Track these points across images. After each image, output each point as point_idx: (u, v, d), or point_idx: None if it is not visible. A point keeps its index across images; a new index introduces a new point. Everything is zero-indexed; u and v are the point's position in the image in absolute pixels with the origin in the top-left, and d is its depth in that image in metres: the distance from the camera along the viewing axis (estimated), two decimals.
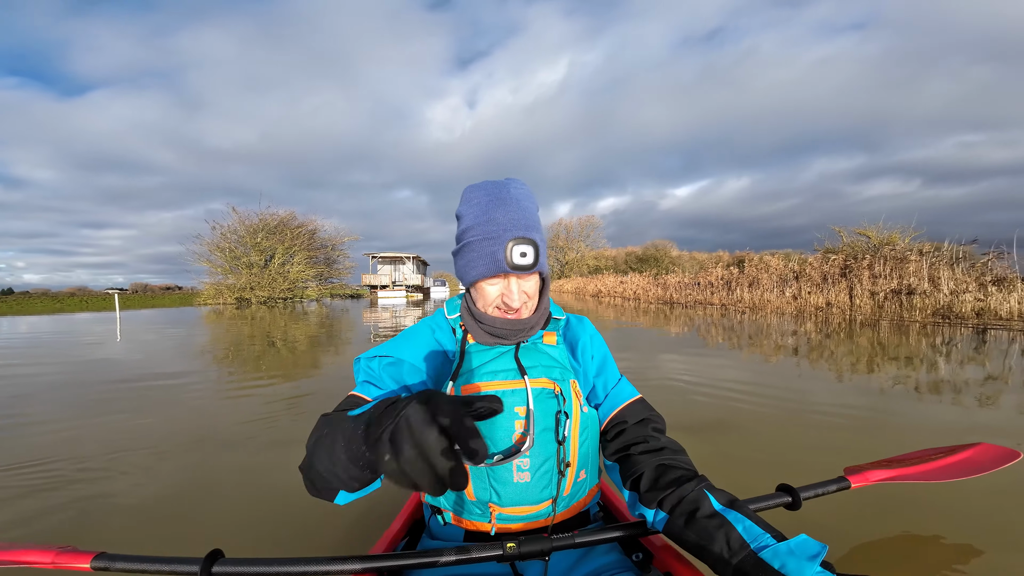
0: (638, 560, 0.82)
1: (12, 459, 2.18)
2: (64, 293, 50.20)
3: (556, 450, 0.73)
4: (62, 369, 4.76)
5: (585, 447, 0.78)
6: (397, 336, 0.84)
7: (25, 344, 7.25)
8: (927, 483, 1.14)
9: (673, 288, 17.42)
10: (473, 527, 0.76)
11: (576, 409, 0.77)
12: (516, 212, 0.74)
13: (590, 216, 52.29)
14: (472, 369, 0.77)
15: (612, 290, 23.43)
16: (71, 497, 1.78)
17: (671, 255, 47.68)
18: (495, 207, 0.74)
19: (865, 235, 12.73)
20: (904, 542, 1.38)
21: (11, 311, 18.47)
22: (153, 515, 1.64)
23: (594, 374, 0.86)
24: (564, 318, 0.90)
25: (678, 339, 6.34)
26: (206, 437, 2.47)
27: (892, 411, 2.75)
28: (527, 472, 0.73)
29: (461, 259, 0.78)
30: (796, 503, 0.83)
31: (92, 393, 3.59)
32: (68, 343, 7.22)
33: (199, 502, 1.72)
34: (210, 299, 23.70)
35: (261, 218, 25.87)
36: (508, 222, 0.73)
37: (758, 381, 3.57)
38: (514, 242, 0.72)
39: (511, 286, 0.76)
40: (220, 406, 3.21)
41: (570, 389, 0.78)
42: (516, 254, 0.72)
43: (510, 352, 0.79)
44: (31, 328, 10.40)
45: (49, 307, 21.02)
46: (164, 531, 1.53)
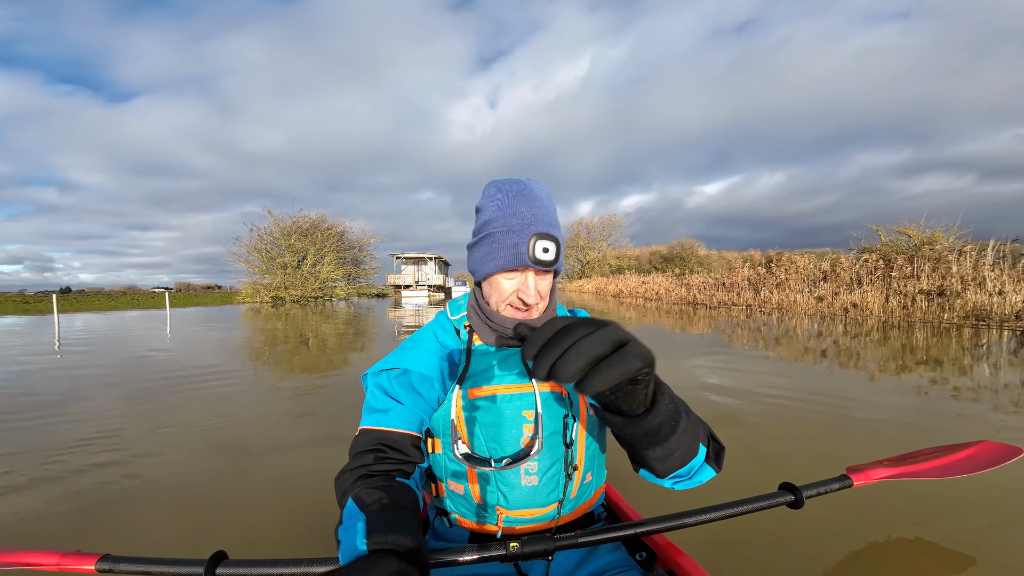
0: (641, 559, 0.83)
1: (57, 444, 2.41)
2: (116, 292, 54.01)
3: (564, 453, 0.74)
4: (116, 363, 5.31)
5: (592, 449, 0.79)
6: (402, 345, 0.83)
7: (87, 340, 8.00)
8: (930, 480, 1.14)
9: (697, 288, 17.12)
10: (480, 529, 0.76)
11: (583, 412, 0.77)
12: (539, 209, 0.74)
13: (612, 215, 51.51)
14: (479, 372, 0.77)
15: (634, 290, 23.15)
16: (101, 482, 1.94)
17: (698, 254, 46.36)
18: (519, 202, 0.74)
19: (905, 234, 12.14)
20: (906, 544, 1.37)
21: (72, 308, 20.14)
22: (176, 505, 1.73)
23: None
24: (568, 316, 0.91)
25: (700, 340, 6.34)
26: (238, 433, 2.66)
27: (931, 412, 2.68)
28: (535, 476, 0.73)
29: (479, 251, 0.77)
30: (799, 502, 0.82)
31: (140, 385, 4.03)
32: (126, 339, 7.94)
33: (211, 497, 1.77)
34: (248, 298, 25.08)
35: (294, 220, 27.15)
36: (532, 217, 0.73)
37: (789, 385, 3.52)
38: (537, 237, 0.71)
39: (528, 281, 0.75)
40: (255, 401, 3.56)
41: (576, 392, 0.82)
42: (539, 249, 0.71)
43: (516, 354, 0.79)
44: (89, 324, 11.41)
45: (106, 305, 22.81)
46: (182, 524, 1.57)
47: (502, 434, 0.72)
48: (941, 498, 1.59)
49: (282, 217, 27.01)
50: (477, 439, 0.73)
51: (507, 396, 0.74)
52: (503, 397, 0.74)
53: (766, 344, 5.69)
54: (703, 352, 5.14)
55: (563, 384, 0.42)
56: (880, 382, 3.58)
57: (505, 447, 0.72)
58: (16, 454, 2.29)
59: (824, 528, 1.43)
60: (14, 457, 2.25)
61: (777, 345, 5.56)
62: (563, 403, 0.75)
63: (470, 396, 0.74)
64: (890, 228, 12.45)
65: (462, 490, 0.75)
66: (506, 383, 0.75)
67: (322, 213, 28.72)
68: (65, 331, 9.32)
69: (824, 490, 0.90)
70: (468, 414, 0.73)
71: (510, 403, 0.73)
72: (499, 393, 0.74)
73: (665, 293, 19.18)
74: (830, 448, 2.21)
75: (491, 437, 0.73)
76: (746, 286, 14.16)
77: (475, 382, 0.75)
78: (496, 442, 0.72)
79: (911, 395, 3.16)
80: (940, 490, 1.61)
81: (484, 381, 0.75)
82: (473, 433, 0.73)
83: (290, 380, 4.08)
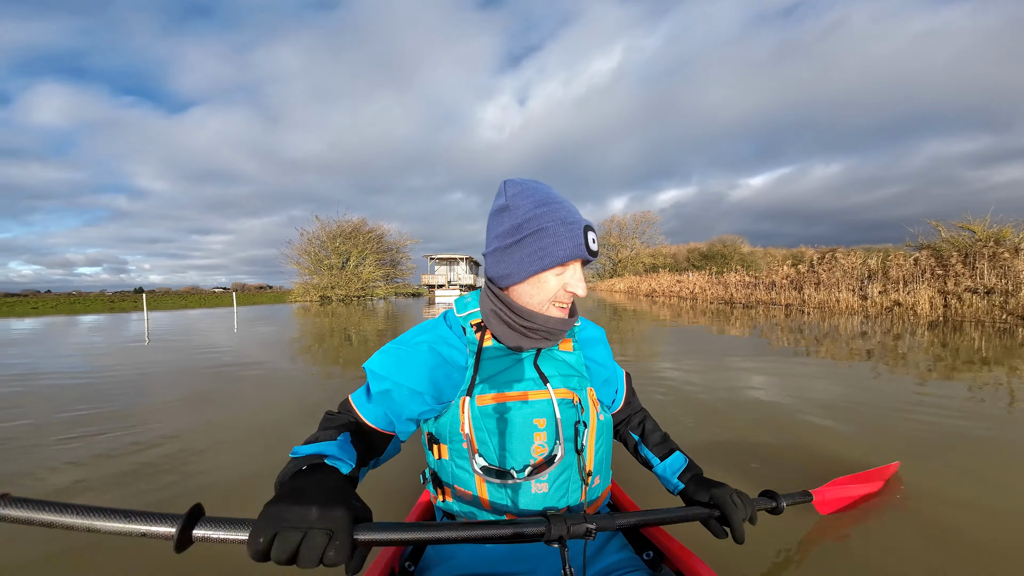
0: (649, 559, 0.82)
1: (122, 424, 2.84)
2: (182, 291, 59.14)
3: (575, 460, 0.73)
4: (191, 355, 6.09)
5: (600, 453, 0.79)
6: (398, 342, 0.78)
7: (170, 334, 9.08)
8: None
9: (734, 287, 16.61)
10: None
11: (593, 417, 0.77)
12: (571, 205, 0.73)
13: (646, 212, 50.17)
14: (489, 377, 0.74)
15: (668, 289, 22.69)
16: (160, 457, 2.23)
17: (741, 251, 44.22)
18: (557, 195, 0.73)
19: (969, 229, 11.24)
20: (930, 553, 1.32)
21: (153, 307, 22.49)
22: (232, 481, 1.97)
23: (608, 380, 0.89)
24: (579, 324, 0.87)
25: (737, 342, 6.32)
26: (287, 416, 3.14)
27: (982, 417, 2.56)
28: (545, 483, 0.71)
29: (524, 249, 0.71)
30: (779, 508, 0.88)
31: (208, 373, 4.67)
32: (208, 332, 8.96)
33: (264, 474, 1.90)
34: (299, 297, 26.96)
35: (339, 224, 28.81)
36: (574, 210, 0.72)
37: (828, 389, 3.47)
38: (587, 229, 0.71)
39: (578, 273, 0.74)
40: (304, 388, 4.06)
41: (587, 397, 0.77)
42: (590, 240, 0.71)
43: (528, 359, 0.76)
44: (177, 320, 12.83)
45: (178, 304, 25.33)
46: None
47: (513, 442, 0.71)
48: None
49: (328, 221, 28.80)
50: (486, 447, 0.71)
51: (518, 404, 0.72)
52: (515, 405, 0.72)
53: (806, 344, 5.54)
54: (742, 355, 5.14)
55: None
56: (927, 384, 3.55)
57: (516, 455, 0.71)
58: (127, 412, 2.88)
59: (835, 531, 1.43)
60: (134, 414, 2.84)
61: (818, 347, 5.36)
62: (574, 409, 0.74)
63: (479, 403, 0.71)
64: (951, 223, 11.56)
65: (470, 496, 0.73)
66: (518, 390, 0.72)
67: (363, 217, 30.40)
68: (155, 326, 10.58)
69: (792, 501, 0.96)
70: (477, 422, 0.71)
71: (520, 411, 0.72)
72: (510, 401, 0.72)
73: (700, 292, 18.72)
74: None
75: (501, 446, 0.71)
76: (786, 285, 13.62)
77: (484, 388, 0.72)
78: (507, 450, 0.71)
79: (959, 393, 3.08)
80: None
81: (494, 388, 0.73)
82: (482, 441, 0.71)
83: (336, 370, 4.60)
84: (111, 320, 13.90)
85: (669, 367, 4.26)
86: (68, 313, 19.48)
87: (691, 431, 2.46)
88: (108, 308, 23.17)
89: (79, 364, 5.21)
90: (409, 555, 0.82)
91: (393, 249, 32.14)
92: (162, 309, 20.93)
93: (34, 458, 2.22)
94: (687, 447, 1.00)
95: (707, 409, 2.84)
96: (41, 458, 2.22)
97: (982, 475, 1.83)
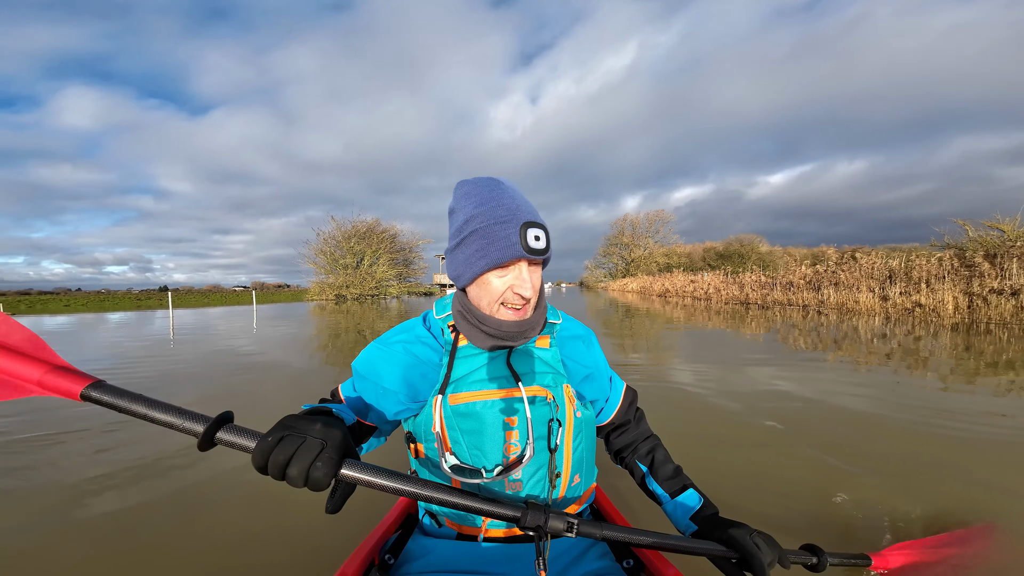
0: (629, 567, 0.81)
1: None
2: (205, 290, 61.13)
3: (549, 459, 0.72)
4: (212, 354, 6.33)
5: (579, 452, 0.78)
6: (377, 343, 0.82)
7: (193, 332, 9.42)
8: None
9: (750, 287, 16.32)
10: (465, 531, 0.76)
11: (570, 415, 0.75)
12: (520, 199, 0.72)
13: (660, 210, 49.25)
14: (462, 376, 0.74)
15: (681, 289, 22.42)
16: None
17: (759, 251, 43.11)
18: (498, 195, 0.71)
19: (998, 228, 10.82)
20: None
21: (177, 305, 23.29)
22: None
23: (590, 376, 0.85)
24: (560, 320, 0.86)
25: (752, 344, 6.26)
26: None
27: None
28: (519, 481, 0.71)
29: (464, 252, 0.73)
30: (821, 565, 0.80)
31: (227, 371, 4.86)
32: (229, 330, 9.27)
33: None
34: (316, 295, 27.57)
35: (354, 225, 29.36)
36: (516, 207, 0.70)
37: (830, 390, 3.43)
38: (527, 225, 0.69)
39: (523, 274, 0.72)
40: (320, 386, 4.20)
41: (563, 395, 0.76)
42: (531, 237, 0.68)
43: (501, 357, 0.75)
44: (199, 318, 13.30)
45: (201, 302, 26.16)
46: None
47: (484, 441, 0.71)
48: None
49: (343, 222, 29.41)
50: (459, 446, 0.72)
51: (490, 403, 0.72)
52: (485, 404, 0.72)
53: (824, 347, 5.42)
54: (755, 356, 5.09)
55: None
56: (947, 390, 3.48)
57: (488, 454, 0.71)
58: None
59: None
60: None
61: (837, 349, 5.27)
62: (548, 408, 0.73)
63: (451, 402, 0.72)
64: (979, 222, 11.14)
65: None
66: (490, 388, 0.73)
67: (376, 217, 30.96)
68: (179, 323, 11.00)
69: (846, 561, 0.86)
70: (450, 421, 0.72)
71: (492, 409, 0.72)
72: (481, 399, 0.72)
73: (715, 293, 18.44)
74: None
75: (473, 444, 0.71)
76: (803, 285, 13.33)
77: (456, 387, 0.73)
78: (479, 449, 0.71)
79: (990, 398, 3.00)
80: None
81: (466, 387, 0.73)
82: (456, 440, 0.72)
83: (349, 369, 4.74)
84: (138, 318, 14.47)
85: (683, 375, 4.16)
86: (98, 311, 20.33)
87: (700, 453, 2.11)
88: (135, 306, 24.06)
89: (108, 359, 5.50)
90: (389, 548, 0.83)
91: (406, 249, 32.60)
92: (186, 307, 21.64)
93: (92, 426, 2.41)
94: (699, 476, 0.91)
95: (717, 424, 2.58)
96: (98, 426, 2.41)
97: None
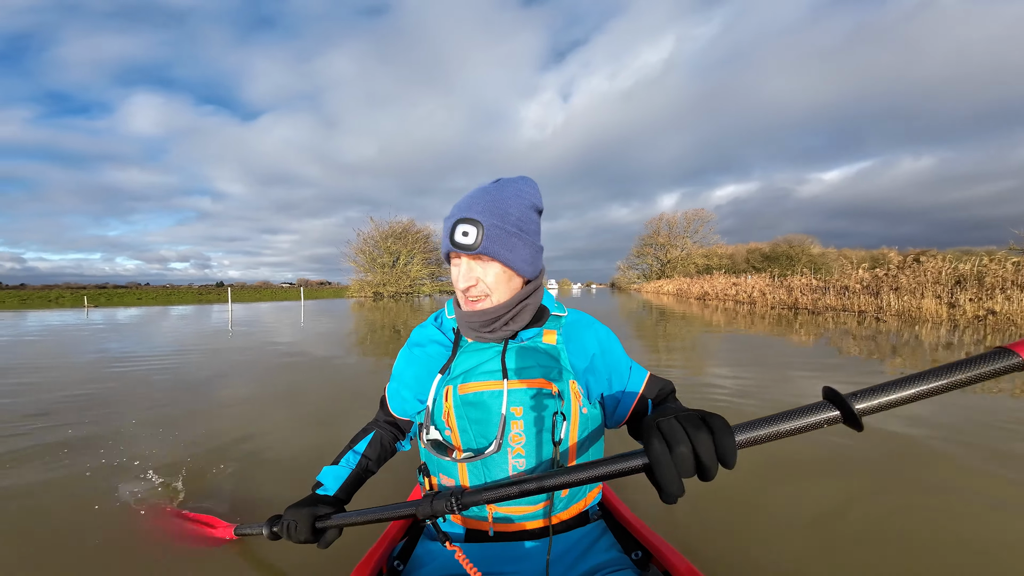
0: (637, 559, 0.82)
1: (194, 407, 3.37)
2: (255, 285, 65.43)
3: (553, 451, 0.72)
4: (265, 347, 6.75)
5: (585, 447, 0.78)
6: (404, 349, 0.92)
7: (248, 326, 10.12)
8: None
9: (799, 291, 15.34)
10: (472, 526, 0.79)
11: (575, 410, 0.76)
12: (478, 198, 0.74)
13: (699, 209, 46.42)
14: (467, 369, 0.78)
15: (722, 292, 21.40)
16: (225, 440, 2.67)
17: (810, 252, 40.14)
18: (467, 195, 0.76)
19: None
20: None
21: (232, 299, 25.10)
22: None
23: (599, 372, 0.82)
24: (566, 314, 0.87)
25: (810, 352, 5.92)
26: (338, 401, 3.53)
27: None
28: (523, 473, 0.73)
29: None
30: (848, 414, 0.45)
31: (278, 364, 5.17)
32: (279, 324, 9.90)
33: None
34: (355, 293, 28.88)
35: (391, 225, 30.42)
36: (465, 205, 0.74)
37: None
38: (460, 222, 0.72)
39: (462, 267, 0.76)
40: (357, 380, 4.39)
41: (568, 389, 0.76)
42: (459, 233, 0.72)
43: (496, 352, 0.79)
44: (252, 312, 14.26)
45: (253, 297, 28.12)
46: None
47: (490, 430, 0.74)
48: None
49: (380, 222, 30.52)
50: (467, 435, 0.75)
51: (494, 392, 0.75)
52: (490, 394, 0.75)
53: (881, 356, 5.02)
54: (801, 362, 4.81)
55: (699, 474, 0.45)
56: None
57: (490, 440, 0.74)
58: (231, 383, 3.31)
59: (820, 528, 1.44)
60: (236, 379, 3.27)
61: (895, 357, 4.87)
62: (553, 401, 0.74)
63: (460, 392, 0.76)
64: None
65: (453, 484, 0.78)
66: (484, 380, 0.76)
67: (411, 218, 31.90)
68: (236, 317, 11.86)
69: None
70: (458, 410, 0.76)
71: (496, 399, 0.75)
72: (486, 389, 0.75)
73: (760, 296, 17.49)
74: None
75: (479, 433, 0.75)
76: (860, 290, 12.38)
77: (465, 378, 0.77)
78: (484, 437, 0.75)
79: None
80: None
81: (476, 377, 0.77)
82: (463, 429, 0.76)
83: (386, 361, 4.93)
84: (199, 311, 15.73)
85: (722, 381, 4.01)
86: (165, 304, 22.31)
87: (751, 484, 1.80)
88: (197, 300, 26.14)
89: (170, 349, 6.06)
90: (398, 554, 0.86)
91: (438, 249, 33.23)
92: (240, 301, 23.29)
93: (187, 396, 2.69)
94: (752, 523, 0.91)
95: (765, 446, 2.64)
96: (186, 401, 2.72)
97: None
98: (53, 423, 2.71)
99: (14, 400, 3.27)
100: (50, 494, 1.80)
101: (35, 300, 24.90)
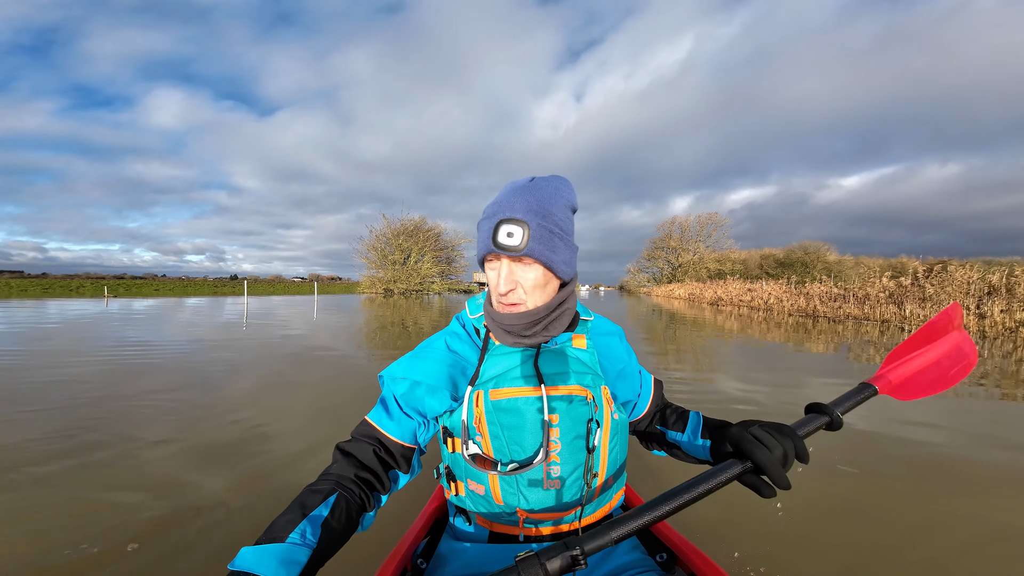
0: (662, 560, 0.81)
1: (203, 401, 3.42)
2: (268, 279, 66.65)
3: (586, 458, 0.72)
4: (279, 340, 6.77)
5: (614, 453, 0.78)
6: (416, 349, 0.83)
7: (262, 320, 10.21)
8: None
9: (818, 299, 14.95)
10: (501, 530, 0.76)
11: (607, 416, 0.75)
12: (520, 196, 0.71)
13: (713, 213, 45.98)
14: (498, 374, 0.75)
15: (736, 298, 21.00)
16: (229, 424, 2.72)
17: (826, 259, 39.30)
18: (505, 193, 0.73)
19: None
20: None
21: (250, 292, 25.49)
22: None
23: (623, 373, 0.85)
24: (592, 319, 0.86)
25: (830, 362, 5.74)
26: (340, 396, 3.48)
27: None
28: (557, 479, 0.72)
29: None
30: (836, 423, 0.67)
31: (291, 358, 5.16)
32: (292, 318, 9.96)
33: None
34: (366, 289, 29.09)
35: (402, 223, 30.58)
36: (507, 203, 0.71)
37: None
38: (503, 222, 0.70)
39: (502, 269, 0.73)
40: (366, 374, 4.35)
41: (602, 396, 0.76)
42: (503, 233, 0.69)
43: (530, 356, 0.76)
44: (266, 306, 14.43)
45: (266, 290, 28.56)
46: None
47: (524, 436, 0.71)
48: None
49: (392, 219, 30.71)
50: (499, 441, 0.72)
51: (528, 399, 0.72)
52: (527, 400, 0.72)
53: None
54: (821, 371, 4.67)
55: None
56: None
57: (527, 449, 0.71)
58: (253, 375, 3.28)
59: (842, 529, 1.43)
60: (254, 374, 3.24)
61: None
62: (587, 408, 0.73)
63: (492, 397, 0.73)
64: None
65: (482, 490, 0.74)
66: (518, 386, 0.73)
67: (423, 216, 32.02)
68: (250, 310, 12.00)
69: (851, 404, 0.70)
70: (491, 416, 0.72)
71: (530, 406, 0.72)
72: (520, 396, 0.72)
73: (776, 303, 17.10)
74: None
75: (513, 439, 0.72)
76: (882, 299, 12.00)
77: (496, 383, 0.74)
78: (518, 444, 0.71)
79: None
80: None
81: (504, 383, 0.74)
82: (496, 435, 0.72)
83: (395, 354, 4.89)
84: (214, 303, 15.96)
85: (734, 393, 3.89)
86: (181, 295, 22.71)
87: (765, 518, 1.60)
88: (212, 292, 26.59)
89: (185, 339, 6.10)
90: (421, 552, 0.83)
91: (448, 247, 33.39)
92: (254, 295, 23.61)
93: (201, 380, 2.68)
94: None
95: None
96: (199, 381, 2.77)
97: None
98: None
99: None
100: None
101: (57, 289, 25.64)
